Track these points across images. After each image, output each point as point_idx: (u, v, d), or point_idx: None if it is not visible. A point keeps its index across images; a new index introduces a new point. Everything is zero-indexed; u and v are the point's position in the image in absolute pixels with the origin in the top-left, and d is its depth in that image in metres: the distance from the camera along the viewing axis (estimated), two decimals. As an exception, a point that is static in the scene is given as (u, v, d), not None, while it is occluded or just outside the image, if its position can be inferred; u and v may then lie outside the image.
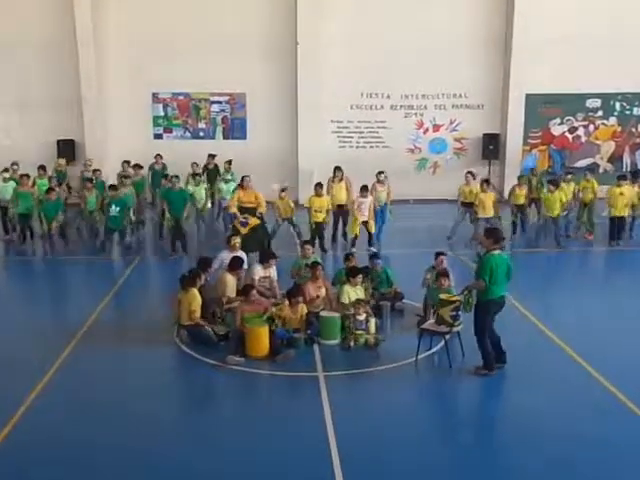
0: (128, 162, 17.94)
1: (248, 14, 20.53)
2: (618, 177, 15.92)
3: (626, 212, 15.33)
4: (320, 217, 14.68)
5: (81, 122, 20.79)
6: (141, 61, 20.72)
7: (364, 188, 14.83)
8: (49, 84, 20.68)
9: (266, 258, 10.73)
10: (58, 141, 20.76)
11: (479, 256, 8.42)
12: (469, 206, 15.52)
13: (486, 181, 15.82)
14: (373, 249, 14.24)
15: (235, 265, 10.33)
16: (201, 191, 16.21)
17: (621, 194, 15.24)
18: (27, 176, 16.01)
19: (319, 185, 14.99)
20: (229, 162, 17.73)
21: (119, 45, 20.76)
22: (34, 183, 16.32)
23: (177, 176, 15.46)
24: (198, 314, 9.29)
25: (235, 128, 21.74)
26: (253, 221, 13.62)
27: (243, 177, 14.76)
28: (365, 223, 14.81)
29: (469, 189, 15.68)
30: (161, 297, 11.25)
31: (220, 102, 21.56)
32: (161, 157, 18.85)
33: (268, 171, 19.80)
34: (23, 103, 20.91)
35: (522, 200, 16.13)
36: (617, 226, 15.32)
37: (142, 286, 13.15)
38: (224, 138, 21.73)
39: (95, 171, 17.30)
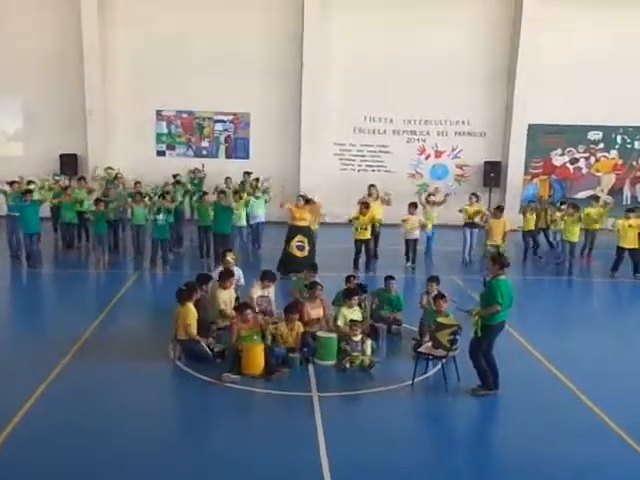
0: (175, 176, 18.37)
1: (254, 35, 20.75)
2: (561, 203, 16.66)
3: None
4: (366, 234, 14.92)
5: (84, 137, 20.90)
6: (146, 78, 20.88)
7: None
8: (54, 99, 20.80)
9: (265, 278, 10.71)
10: (61, 155, 20.84)
11: (485, 282, 8.42)
12: (471, 226, 15.97)
13: (499, 207, 15.84)
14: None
15: (223, 278, 10.35)
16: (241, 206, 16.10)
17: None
18: (70, 187, 16.74)
19: (364, 205, 15.06)
20: (257, 179, 17.96)
21: (125, 62, 20.95)
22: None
23: (224, 191, 15.84)
24: (193, 329, 9.25)
25: (238, 147, 21.85)
26: (307, 243, 14.00)
27: (298, 196, 15.05)
28: None
29: (472, 209, 16.12)
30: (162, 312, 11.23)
31: (224, 121, 21.69)
32: (199, 170, 19.06)
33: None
34: (27, 117, 21.05)
35: (532, 226, 16.60)
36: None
37: (146, 301, 13.16)
38: (227, 157, 21.83)
39: (137, 183, 17.17)
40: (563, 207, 16.54)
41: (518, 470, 6.70)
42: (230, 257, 11.30)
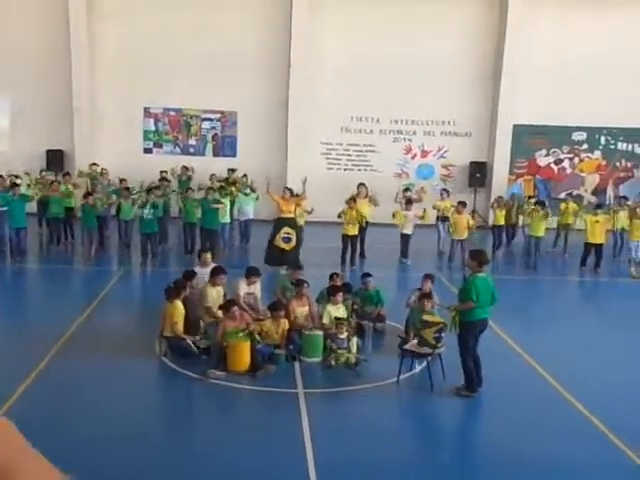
0: (163, 172, 18.41)
1: (243, 34, 20.73)
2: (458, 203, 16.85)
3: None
4: (353, 230, 15.20)
5: (71, 133, 20.81)
6: (134, 76, 20.81)
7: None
8: (41, 95, 20.68)
9: (251, 274, 10.75)
10: (47, 151, 20.74)
11: (465, 278, 8.53)
12: (444, 220, 16.68)
13: (461, 203, 16.22)
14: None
15: (214, 275, 10.38)
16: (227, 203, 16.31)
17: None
18: (57, 182, 16.73)
19: (353, 199, 15.45)
20: (244, 176, 18.09)
21: (112, 59, 20.87)
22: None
23: (212, 188, 15.94)
24: (180, 326, 9.28)
25: (225, 146, 21.83)
26: (294, 235, 14.15)
27: (284, 188, 15.37)
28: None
29: (444, 204, 16.80)
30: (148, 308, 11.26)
31: (211, 119, 21.67)
32: (187, 168, 19.09)
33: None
34: (14, 113, 20.92)
35: (501, 221, 17.33)
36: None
37: (132, 296, 13.16)
38: (214, 155, 21.79)
39: (122, 180, 17.27)
40: (532, 201, 17.41)
41: (502, 467, 6.78)
42: (206, 256, 11.35)
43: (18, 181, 16.07)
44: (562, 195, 21.68)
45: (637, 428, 7.53)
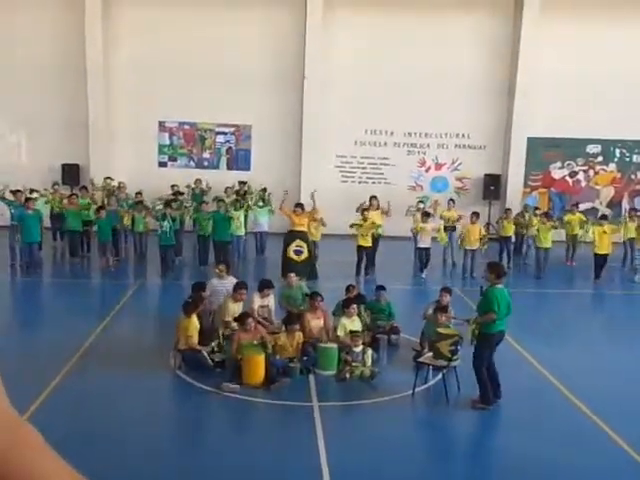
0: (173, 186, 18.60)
1: (257, 48, 20.88)
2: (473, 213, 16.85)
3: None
4: (368, 241, 15.23)
5: (86, 147, 20.98)
6: (149, 90, 20.98)
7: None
8: (56, 109, 20.90)
9: (264, 287, 10.75)
10: (63, 165, 20.93)
11: (482, 290, 8.52)
12: (451, 229, 16.86)
13: (475, 213, 16.26)
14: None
15: (236, 290, 10.40)
16: (241, 215, 16.51)
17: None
18: (75, 195, 16.97)
19: (366, 210, 15.52)
20: (264, 189, 18.24)
21: (128, 73, 21.06)
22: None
23: (223, 200, 16.12)
24: (195, 339, 9.31)
25: (239, 159, 21.92)
26: (305, 248, 14.21)
27: (297, 204, 15.32)
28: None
29: (450, 214, 17.06)
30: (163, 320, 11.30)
31: (225, 133, 21.78)
32: (200, 182, 19.21)
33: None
34: (30, 126, 21.11)
35: (509, 232, 17.33)
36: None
37: (148, 309, 13.22)
38: (228, 169, 21.90)
39: (138, 194, 17.49)
40: (538, 212, 17.64)
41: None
42: (219, 269, 11.39)
43: (34, 195, 16.22)
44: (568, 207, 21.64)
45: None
